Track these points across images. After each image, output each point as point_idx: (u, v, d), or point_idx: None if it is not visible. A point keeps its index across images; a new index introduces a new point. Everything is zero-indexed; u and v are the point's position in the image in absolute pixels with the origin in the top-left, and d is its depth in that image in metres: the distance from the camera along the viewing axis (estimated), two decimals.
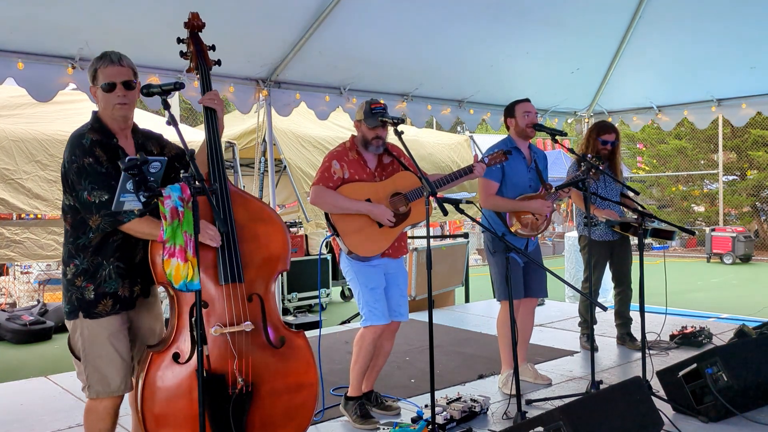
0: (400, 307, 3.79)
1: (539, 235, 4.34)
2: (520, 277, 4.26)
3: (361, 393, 3.82)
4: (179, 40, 3.00)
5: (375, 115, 3.62)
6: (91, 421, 2.69)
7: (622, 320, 5.46)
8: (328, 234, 3.71)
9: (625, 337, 5.43)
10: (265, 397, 2.72)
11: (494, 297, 4.44)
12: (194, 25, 3.00)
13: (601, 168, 4.20)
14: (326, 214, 3.65)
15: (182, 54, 3.04)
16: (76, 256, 2.62)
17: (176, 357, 2.60)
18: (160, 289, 2.84)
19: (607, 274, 5.50)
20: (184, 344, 2.62)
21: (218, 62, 3.05)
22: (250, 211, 2.83)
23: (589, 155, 4.37)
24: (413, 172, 3.73)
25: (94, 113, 2.68)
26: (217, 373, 2.61)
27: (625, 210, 5.20)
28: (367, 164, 3.73)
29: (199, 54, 2.96)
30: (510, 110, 4.33)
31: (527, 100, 4.31)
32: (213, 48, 3.02)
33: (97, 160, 2.54)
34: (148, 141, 2.83)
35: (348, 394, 3.84)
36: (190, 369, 2.59)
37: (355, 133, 3.81)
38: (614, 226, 5.00)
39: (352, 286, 3.74)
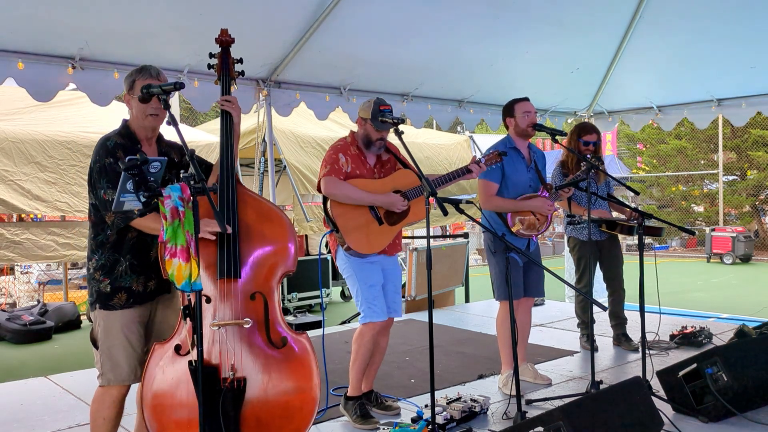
0: (395, 304, 3.84)
1: (539, 235, 4.34)
2: (520, 277, 4.26)
3: (360, 392, 3.83)
4: (211, 55, 3.11)
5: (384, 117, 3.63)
6: (96, 409, 2.81)
7: (617, 321, 5.45)
8: (327, 230, 3.71)
9: (620, 338, 5.43)
10: (261, 396, 2.73)
11: (494, 297, 4.43)
12: (224, 40, 3.13)
13: (600, 168, 4.20)
14: (326, 211, 3.65)
15: (210, 66, 3.13)
16: (96, 252, 2.78)
17: (178, 348, 2.68)
18: None
19: (600, 275, 5.49)
20: (186, 336, 2.68)
21: (242, 73, 3.19)
22: (259, 211, 2.88)
23: (588, 155, 4.36)
24: (412, 170, 3.75)
25: (124, 121, 2.83)
26: (208, 366, 2.66)
27: (613, 209, 5.20)
28: (367, 160, 3.76)
29: (224, 67, 3.10)
30: (509, 110, 4.32)
31: (526, 99, 4.30)
32: (241, 61, 3.15)
33: (117, 160, 2.67)
34: (171, 150, 2.95)
35: (348, 394, 3.84)
36: (186, 361, 2.65)
37: (355, 129, 3.82)
38: (601, 225, 4.99)
39: (350, 283, 3.75)
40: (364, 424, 3.69)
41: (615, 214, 5.30)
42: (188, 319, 2.61)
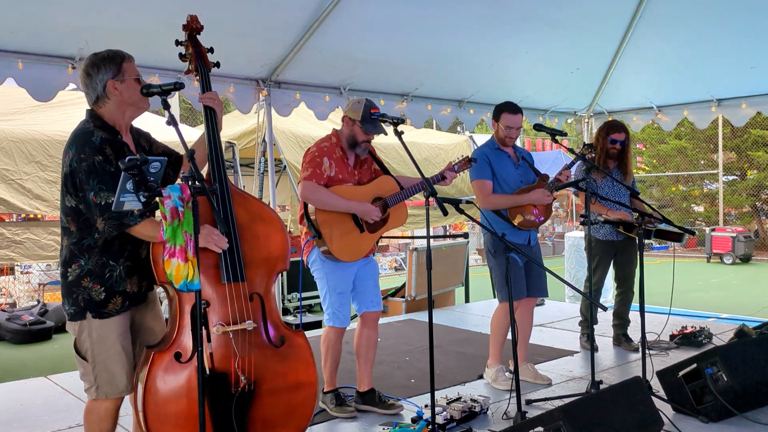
0: (376, 297, 3.92)
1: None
2: (522, 277, 4.26)
3: (335, 387, 3.93)
4: (178, 43, 3.01)
5: (374, 121, 3.64)
6: (92, 422, 2.67)
7: (620, 321, 5.45)
8: (309, 237, 3.71)
9: (620, 338, 5.42)
10: (265, 395, 2.73)
11: (494, 297, 4.43)
12: (193, 27, 3.01)
13: (599, 168, 4.19)
14: (308, 217, 3.66)
15: (181, 56, 3.05)
16: (80, 257, 2.58)
17: (178, 356, 2.60)
18: (159, 289, 2.85)
19: (610, 274, 5.50)
20: (186, 343, 2.62)
21: (217, 64, 3.06)
22: (251, 211, 2.85)
23: (586, 155, 4.35)
24: (389, 173, 3.86)
25: (93, 112, 2.65)
26: (219, 372, 2.63)
27: (635, 211, 5.20)
28: (348, 162, 3.78)
29: (198, 56, 2.99)
30: (498, 114, 4.30)
31: (518, 113, 4.27)
32: (211, 50, 3.04)
33: (107, 158, 2.51)
34: (140, 137, 2.85)
35: (324, 390, 3.93)
36: (191, 368, 2.59)
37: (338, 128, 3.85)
38: (618, 226, 5.00)
39: (319, 285, 3.83)
40: (342, 412, 3.83)
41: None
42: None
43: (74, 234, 2.59)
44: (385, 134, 3.68)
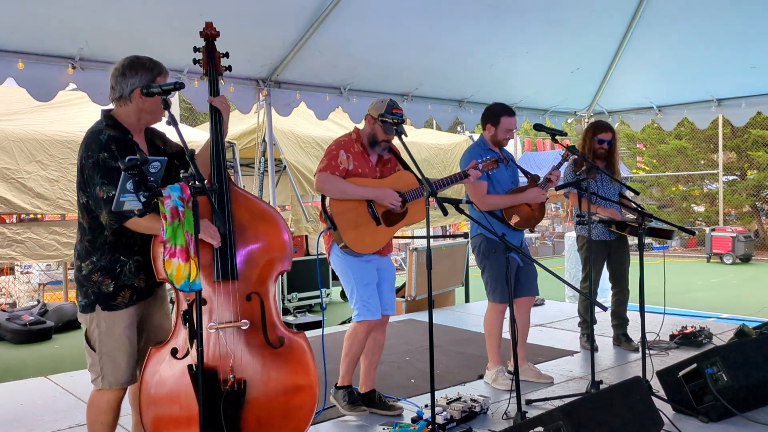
0: (390, 301, 3.89)
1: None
2: (510, 279, 4.26)
3: (350, 383, 3.89)
4: (195, 49, 3.07)
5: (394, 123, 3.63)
6: (94, 414, 2.74)
7: (619, 321, 5.45)
8: (324, 228, 3.71)
9: (620, 338, 5.42)
10: (261, 396, 2.73)
11: (489, 299, 4.40)
12: (209, 34, 3.08)
13: (598, 168, 4.19)
14: (324, 209, 3.65)
15: (195, 61, 3.09)
16: (93, 253, 2.67)
17: (174, 352, 2.65)
18: (167, 286, 2.88)
19: (605, 274, 5.50)
20: (182, 340, 2.66)
21: (229, 68, 3.11)
22: (252, 211, 2.86)
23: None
24: (412, 171, 3.77)
25: (108, 112, 2.71)
26: (208, 369, 2.65)
27: (624, 210, 5.19)
28: (369, 158, 3.77)
29: (210, 61, 3.04)
30: (494, 117, 4.29)
31: (513, 115, 4.30)
32: (227, 55, 3.09)
33: (112, 154, 2.57)
34: (155, 137, 2.90)
35: (337, 384, 3.90)
36: (185, 364, 2.63)
37: (360, 127, 3.84)
38: (611, 225, 4.99)
39: (344, 281, 3.77)
40: (353, 411, 3.79)
41: (629, 215, 5.29)
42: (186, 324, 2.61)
43: (87, 231, 2.69)
44: (405, 135, 3.66)
